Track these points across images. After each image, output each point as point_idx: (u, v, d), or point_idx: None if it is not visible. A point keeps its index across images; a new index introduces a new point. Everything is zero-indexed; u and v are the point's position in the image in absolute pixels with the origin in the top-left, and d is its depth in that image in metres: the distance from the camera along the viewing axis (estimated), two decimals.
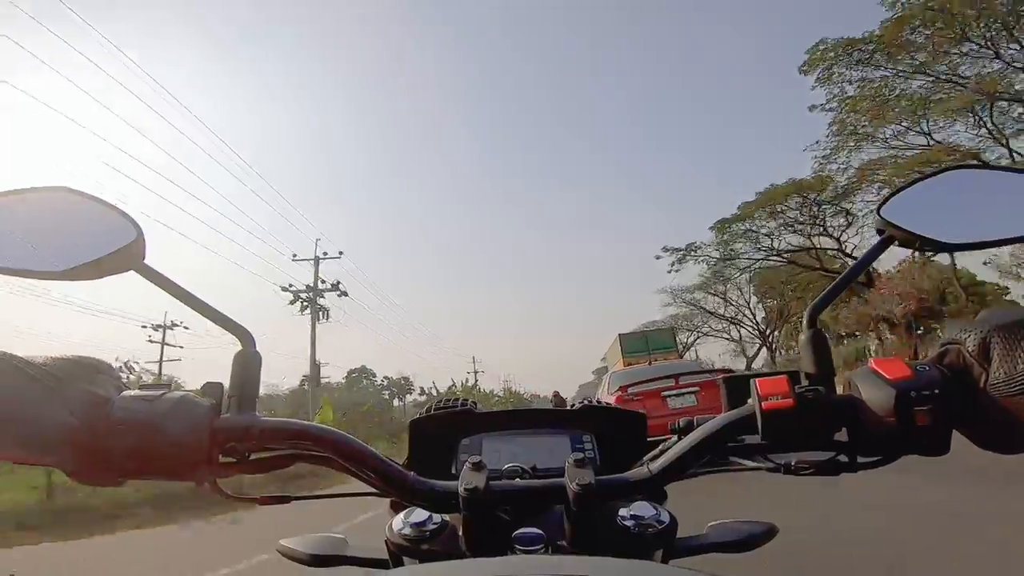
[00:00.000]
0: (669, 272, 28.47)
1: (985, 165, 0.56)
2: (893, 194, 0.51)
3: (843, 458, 0.46)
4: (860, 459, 0.45)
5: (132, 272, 0.49)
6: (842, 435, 0.45)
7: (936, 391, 0.40)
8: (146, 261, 0.49)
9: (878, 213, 0.50)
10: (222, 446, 0.44)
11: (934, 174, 0.51)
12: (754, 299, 32.44)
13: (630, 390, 6.75)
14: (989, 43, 16.63)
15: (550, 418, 0.71)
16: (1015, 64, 16.57)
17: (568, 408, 0.72)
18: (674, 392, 6.58)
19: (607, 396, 7.64)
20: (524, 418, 0.71)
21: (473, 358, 43.34)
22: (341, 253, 20.56)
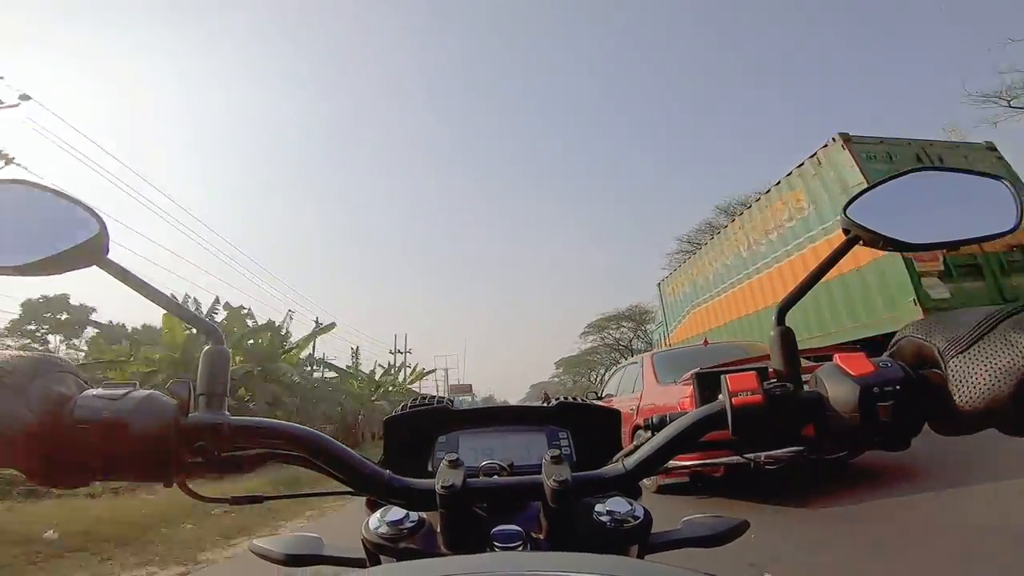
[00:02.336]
0: None
1: (945, 168, 0.58)
2: (859, 195, 0.52)
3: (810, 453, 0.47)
4: (826, 454, 0.47)
5: (95, 267, 0.47)
6: (810, 430, 0.46)
7: (897, 387, 0.41)
8: (109, 256, 0.47)
9: (844, 213, 0.51)
10: (190, 445, 0.43)
11: (898, 176, 0.53)
12: None
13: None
14: None
15: (527, 415, 0.71)
16: None
17: (544, 405, 0.73)
18: None
19: None
20: (501, 415, 0.71)
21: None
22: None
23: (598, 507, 0.51)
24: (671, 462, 0.49)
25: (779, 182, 8.87)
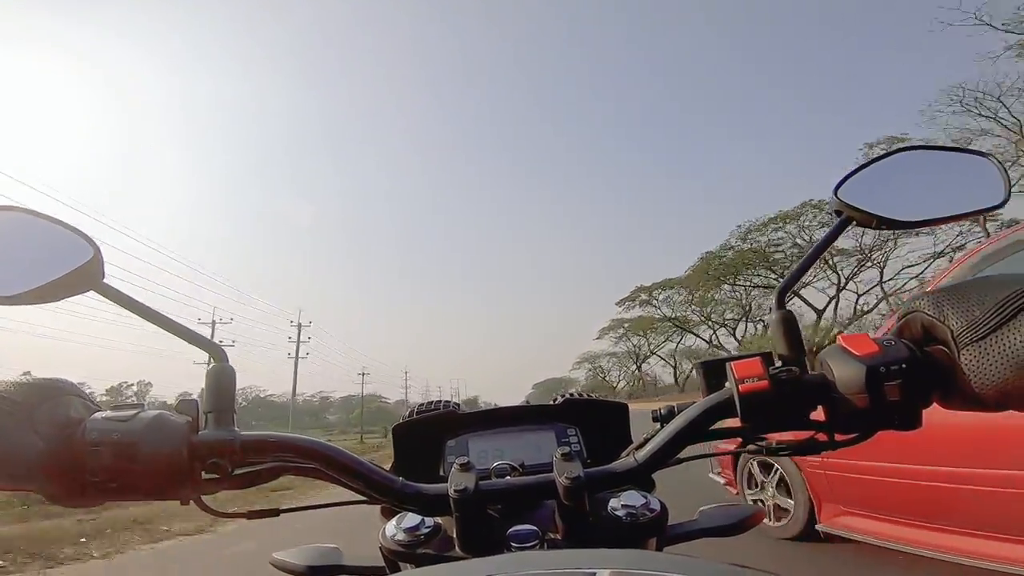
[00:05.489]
0: None
1: (932, 146, 0.59)
2: (848, 176, 0.53)
3: (821, 437, 0.47)
4: (837, 437, 0.46)
5: (92, 293, 0.47)
6: (818, 414, 0.46)
7: (904, 365, 0.41)
8: (105, 280, 0.47)
9: (835, 195, 0.52)
10: (203, 462, 0.43)
11: (885, 156, 0.53)
12: None
13: None
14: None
15: (534, 414, 0.71)
16: None
17: (551, 403, 0.73)
18: None
19: None
20: (508, 416, 0.71)
21: None
22: None
23: (612, 502, 0.51)
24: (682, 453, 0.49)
25: None
